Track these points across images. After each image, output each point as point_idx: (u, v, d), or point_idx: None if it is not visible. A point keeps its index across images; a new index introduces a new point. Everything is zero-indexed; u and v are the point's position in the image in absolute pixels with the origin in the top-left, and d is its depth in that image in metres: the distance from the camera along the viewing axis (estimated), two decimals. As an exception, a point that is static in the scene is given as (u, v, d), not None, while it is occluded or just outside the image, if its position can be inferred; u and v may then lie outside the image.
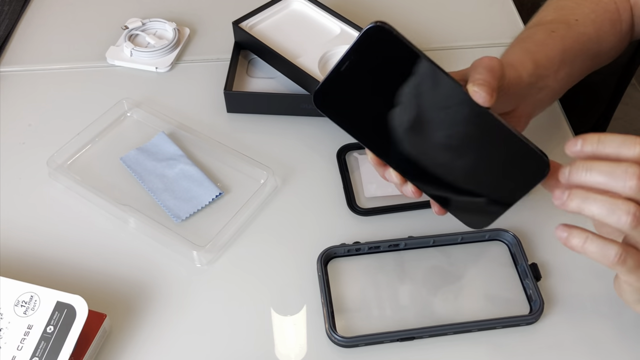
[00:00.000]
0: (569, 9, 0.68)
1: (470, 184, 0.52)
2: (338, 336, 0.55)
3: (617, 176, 0.43)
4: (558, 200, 0.46)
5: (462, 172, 0.51)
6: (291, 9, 0.82)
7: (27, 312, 0.52)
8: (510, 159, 0.50)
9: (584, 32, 0.66)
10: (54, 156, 0.68)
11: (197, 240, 0.62)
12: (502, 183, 0.51)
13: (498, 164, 0.51)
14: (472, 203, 0.53)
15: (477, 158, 0.51)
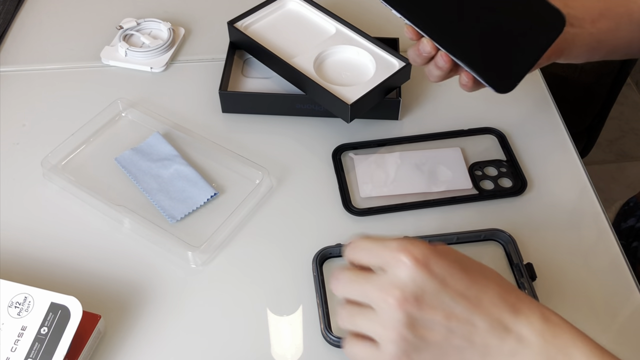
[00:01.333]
0: None
1: (498, 41, 0.58)
2: (333, 336, 0.55)
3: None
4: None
5: (491, 30, 0.58)
6: (286, 9, 0.82)
7: (20, 314, 0.52)
8: (532, 15, 0.57)
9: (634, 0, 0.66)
10: (48, 157, 0.68)
11: (192, 241, 0.61)
12: (525, 39, 0.58)
13: (521, 21, 0.58)
14: (499, 61, 0.58)
15: (503, 16, 0.58)
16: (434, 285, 0.42)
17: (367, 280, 0.44)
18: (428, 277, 0.42)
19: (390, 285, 0.42)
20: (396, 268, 0.42)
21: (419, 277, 0.42)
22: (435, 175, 0.68)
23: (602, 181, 1.71)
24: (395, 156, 0.70)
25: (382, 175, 0.68)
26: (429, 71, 0.61)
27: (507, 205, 0.66)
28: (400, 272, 0.42)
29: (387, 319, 0.42)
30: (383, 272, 0.43)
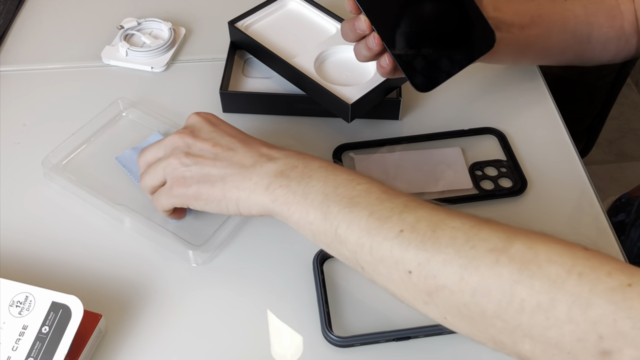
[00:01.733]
0: None
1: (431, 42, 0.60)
2: (334, 336, 0.55)
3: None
4: None
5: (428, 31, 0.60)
6: (287, 8, 0.82)
7: (22, 313, 0.52)
8: (468, 28, 0.60)
9: (570, 9, 0.67)
10: (49, 156, 0.68)
11: (193, 240, 0.62)
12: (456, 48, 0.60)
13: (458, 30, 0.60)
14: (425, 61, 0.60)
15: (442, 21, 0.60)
16: (211, 127, 0.58)
17: (158, 147, 0.60)
18: (206, 123, 0.58)
19: (173, 135, 0.58)
20: (187, 120, 0.60)
21: (198, 122, 0.59)
22: (435, 175, 0.68)
23: (602, 181, 1.71)
24: (396, 156, 0.70)
25: (383, 174, 0.68)
26: (358, 50, 0.62)
27: (507, 205, 0.66)
28: (189, 120, 0.59)
29: (169, 150, 0.58)
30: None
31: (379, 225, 0.47)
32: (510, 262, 0.42)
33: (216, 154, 0.56)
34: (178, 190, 0.56)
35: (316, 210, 0.50)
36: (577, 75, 1.15)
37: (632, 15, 0.70)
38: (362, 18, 0.59)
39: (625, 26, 0.70)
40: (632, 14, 0.70)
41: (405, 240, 0.45)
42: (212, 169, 0.55)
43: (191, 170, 0.56)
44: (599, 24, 0.69)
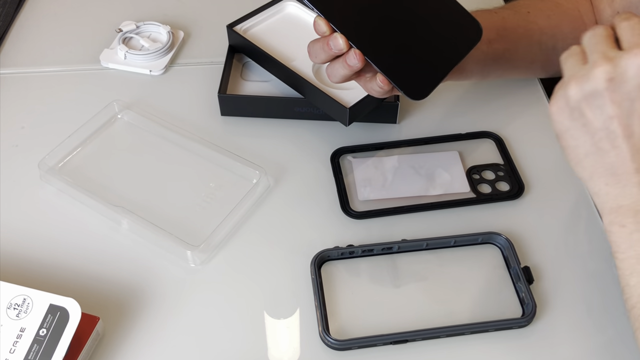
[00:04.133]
0: (523, 5, 0.70)
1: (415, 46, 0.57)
2: (331, 339, 0.55)
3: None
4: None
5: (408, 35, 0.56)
6: (285, 12, 0.82)
7: (19, 315, 0.52)
8: (450, 23, 0.57)
9: (534, 21, 0.67)
10: (45, 159, 0.68)
11: (191, 240, 0.62)
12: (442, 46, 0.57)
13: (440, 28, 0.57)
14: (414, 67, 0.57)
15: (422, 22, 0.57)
16: (635, 92, 0.45)
17: (607, 44, 0.48)
18: (639, 81, 0.45)
19: (613, 59, 0.46)
20: (631, 55, 0.45)
21: (635, 74, 0.45)
22: (433, 179, 0.68)
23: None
24: (394, 159, 0.70)
25: (381, 178, 0.69)
26: (334, 70, 0.58)
27: (504, 209, 0.66)
28: (630, 60, 0.45)
29: (585, 73, 0.47)
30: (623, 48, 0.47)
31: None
32: None
33: (606, 126, 0.47)
34: (553, 115, 0.50)
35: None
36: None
37: (594, 25, 0.70)
38: (337, 36, 0.55)
39: None
40: (593, 23, 0.70)
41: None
42: (589, 137, 0.48)
43: (572, 115, 0.48)
44: (563, 35, 0.69)
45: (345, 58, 0.56)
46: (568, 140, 0.49)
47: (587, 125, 0.47)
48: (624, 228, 0.47)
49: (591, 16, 0.70)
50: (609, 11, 0.70)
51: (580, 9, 0.70)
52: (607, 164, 0.47)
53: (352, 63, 0.55)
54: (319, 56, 0.58)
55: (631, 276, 0.46)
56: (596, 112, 0.47)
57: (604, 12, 0.70)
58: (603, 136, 0.47)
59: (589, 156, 0.48)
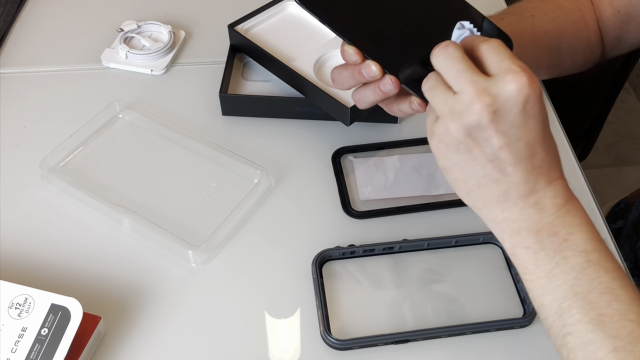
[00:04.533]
0: (526, 8, 0.69)
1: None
2: (332, 339, 0.55)
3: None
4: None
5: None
6: (287, 12, 0.82)
7: (21, 315, 0.52)
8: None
9: (539, 25, 0.67)
10: (47, 158, 0.68)
11: (192, 240, 0.62)
12: None
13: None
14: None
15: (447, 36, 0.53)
16: (519, 118, 0.44)
17: (472, 71, 0.45)
18: (521, 107, 0.44)
19: (487, 90, 0.44)
20: (506, 82, 0.44)
21: (514, 98, 0.44)
22: (434, 179, 0.68)
23: (599, 185, 1.72)
24: (395, 159, 0.70)
25: (382, 178, 0.69)
26: (364, 96, 0.55)
27: (505, 209, 0.66)
28: (507, 87, 0.44)
29: (461, 108, 0.45)
30: (491, 76, 0.45)
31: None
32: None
33: (496, 157, 0.45)
34: (435, 149, 0.48)
35: (554, 300, 0.45)
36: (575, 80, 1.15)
37: (595, 24, 0.70)
38: (370, 64, 0.52)
39: (591, 36, 0.70)
40: (595, 23, 0.70)
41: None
42: (479, 168, 0.46)
43: (458, 150, 0.46)
44: (567, 37, 0.69)
45: (379, 84, 0.53)
46: (456, 173, 0.48)
47: (476, 158, 0.46)
48: (528, 249, 0.46)
49: (592, 15, 0.70)
50: (610, 10, 0.70)
51: (582, 9, 0.70)
52: (501, 192, 0.46)
53: (387, 89, 0.53)
54: (346, 83, 0.56)
55: (544, 296, 0.45)
56: (483, 145, 0.45)
57: (605, 12, 0.70)
58: (494, 166, 0.46)
59: (481, 187, 0.47)
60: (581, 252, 0.45)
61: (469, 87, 0.44)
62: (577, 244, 0.45)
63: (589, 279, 0.44)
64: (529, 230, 0.46)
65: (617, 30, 0.71)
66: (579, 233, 0.46)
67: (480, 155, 0.46)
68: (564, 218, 0.46)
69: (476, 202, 0.48)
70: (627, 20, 0.70)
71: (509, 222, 0.47)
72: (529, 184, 0.46)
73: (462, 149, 0.46)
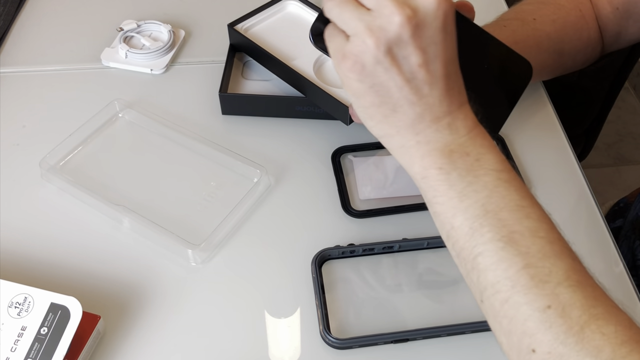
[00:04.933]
0: (527, 11, 0.69)
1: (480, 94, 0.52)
2: (332, 338, 0.55)
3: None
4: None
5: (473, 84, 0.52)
6: (286, 11, 0.82)
7: (20, 314, 0.52)
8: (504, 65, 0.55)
9: (541, 28, 0.67)
10: (46, 157, 0.68)
11: (192, 239, 0.62)
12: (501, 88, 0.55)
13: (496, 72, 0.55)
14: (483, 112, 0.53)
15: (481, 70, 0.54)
16: (438, 34, 0.43)
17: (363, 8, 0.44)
18: (440, 23, 0.43)
19: (407, 2, 0.42)
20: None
21: (435, 16, 0.43)
22: (434, 178, 0.68)
23: (600, 185, 1.72)
24: (394, 159, 0.70)
25: (381, 177, 0.69)
26: None
27: (505, 208, 0.66)
28: (427, 0, 0.43)
29: (380, 23, 0.43)
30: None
31: (528, 284, 0.41)
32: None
33: (413, 76, 0.44)
34: (348, 73, 0.45)
35: (466, 221, 0.44)
36: (576, 79, 1.15)
37: (595, 22, 0.70)
38: None
39: (592, 35, 0.70)
40: (594, 20, 0.70)
41: (548, 321, 0.40)
42: (395, 90, 0.44)
43: (376, 70, 0.44)
44: (568, 38, 0.69)
45: None
46: (371, 98, 0.45)
47: (393, 78, 0.44)
48: (441, 170, 0.45)
49: (591, 13, 0.70)
50: (609, 8, 0.70)
51: (581, 8, 0.70)
52: (416, 114, 0.45)
53: None
54: None
55: (455, 217, 0.44)
56: (402, 63, 0.43)
57: (604, 9, 0.70)
58: (411, 87, 0.44)
59: (396, 111, 0.45)
60: (492, 170, 0.45)
61: (387, 0, 0.43)
62: (488, 164, 0.45)
63: (500, 196, 0.44)
64: (442, 151, 0.45)
65: (616, 27, 0.71)
66: (489, 154, 0.46)
67: (399, 75, 0.44)
68: (474, 139, 0.46)
69: (389, 129, 0.47)
70: (626, 17, 0.70)
71: (422, 144, 0.46)
72: (443, 105, 0.45)
73: (379, 69, 0.44)
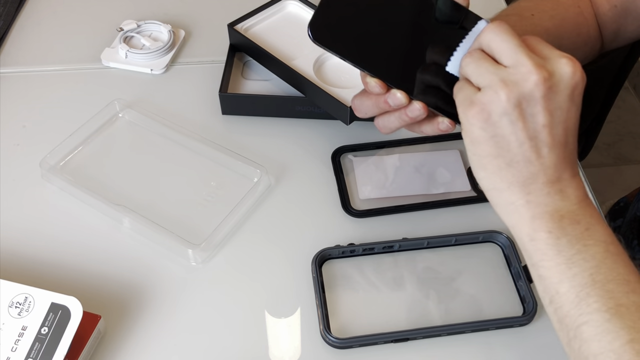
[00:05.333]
0: (525, 8, 0.69)
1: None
2: (332, 337, 0.55)
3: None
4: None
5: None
6: (286, 11, 0.82)
7: (21, 314, 0.52)
8: None
9: (539, 24, 0.67)
10: (47, 157, 0.68)
11: (192, 239, 0.62)
12: None
13: None
14: None
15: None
16: (566, 101, 0.45)
17: (527, 47, 0.45)
18: (570, 91, 0.45)
19: (545, 66, 0.45)
20: (563, 63, 0.45)
21: (568, 83, 0.45)
22: (434, 178, 0.68)
23: (600, 184, 1.72)
24: (394, 158, 0.70)
25: (381, 177, 0.69)
26: (388, 122, 0.55)
27: (505, 208, 0.66)
28: (564, 68, 0.45)
29: (516, 79, 0.44)
30: (542, 57, 0.46)
31: (633, 359, 0.41)
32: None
33: (536, 135, 0.45)
34: (472, 119, 0.46)
35: (572, 289, 0.44)
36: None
37: (594, 19, 0.70)
38: (396, 92, 0.51)
39: (591, 31, 0.70)
40: (593, 17, 0.70)
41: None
42: (516, 145, 0.45)
43: (501, 121, 0.45)
44: (567, 34, 0.69)
45: (406, 111, 0.53)
46: (489, 148, 0.46)
47: (516, 133, 0.45)
48: (550, 234, 0.45)
49: (590, 10, 0.70)
50: (607, 5, 0.69)
51: (580, 5, 0.70)
52: (530, 173, 0.46)
53: (415, 115, 0.52)
54: (369, 112, 0.56)
55: (561, 283, 0.45)
56: (529, 120, 0.45)
57: (602, 7, 0.70)
58: (531, 145, 0.45)
59: (511, 166, 0.46)
60: (601, 242, 0.45)
61: (527, 60, 0.44)
62: (597, 234, 0.45)
63: (608, 268, 0.44)
64: (552, 216, 0.46)
65: (615, 25, 0.71)
66: (598, 225, 0.46)
67: (522, 130, 0.45)
68: (585, 209, 0.46)
69: (500, 182, 0.47)
70: (625, 15, 0.70)
71: (532, 205, 0.46)
72: (558, 170, 0.46)
73: (505, 120, 0.45)
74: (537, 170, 0.46)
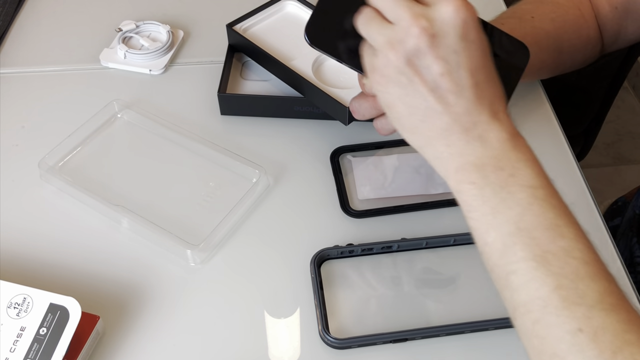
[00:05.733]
0: (525, 10, 0.69)
1: None
2: (331, 338, 0.55)
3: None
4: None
5: None
6: (285, 11, 0.82)
7: (19, 314, 0.52)
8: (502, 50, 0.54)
9: (540, 27, 0.67)
10: (45, 158, 0.68)
11: (191, 239, 0.62)
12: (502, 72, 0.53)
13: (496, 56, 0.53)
14: None
15: None
16: (458, 43, 0.44)
17: (409, 0, 0.45)
18: (459, 31, 0.44)
19: (424, 14, 0.44)
20: (442, 5, 0.44)
21: (450, 22, 0.44)
22: (433, 178, 0.68)
23: (599, 184, 1.72)
24: (393, 158, 0.70)
25: (380, 177, 0.69)
26: (387, 123, 0.56)
27: (504, 208, 0.66)
28: (443, 10, 0.44)
29: (399, 36, 0.44)
30: (426, 3, 0.45)
31: (560, 306, 0.41)
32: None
33: (437, 85, 0.45)
34: (377, 85, 0.47)
35: (498, 238, 0.44)
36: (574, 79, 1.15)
37: (594, 21, 0.70)
38: None
39: (591, 33, 0.70)
40: (594, 19, 0.70)
41: (579, 344, 0.40)
42: (421, 100, 0.45)
43: (400, 81, 0.45)
44: (567, 36, 0.69)
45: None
46: (400, 108, 0.46)
47: (417, 88, 0.45)
48: (473, 185, 0.45)
49: (591, 12, 0.70)
50: (608, 7, 0.70)
51: (580, 7, 0.70)
52: (444, 124, 0.45)
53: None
54: (367, 114, 0.56)
55: (488, 233, 0.44)
56: (424, 73, 0.44)
57: (603, 8, 0.70)
58: (436, 96, 0.45)
59: (425, 121, 0.45)
60: (527, 187, 0.44)
61: (405, 13, 0.44)
62: (523, 180, 0.44)
63: (534, 215, 0.43)
64: (475, 165, 0.45)
65: (615, 26, 0.71)
66: (525, 169, 0.45)
67: (422, 84, 0.45)
68: (509, 153, 0.45)
69: (421, 139, 0.47)
70: (625, 17, 0.70)
71: (455, 157, 0.45)
72: (472, 115, 0.45)
73: (403, 79, 0.45)
74: (451, 120, 0.45)
